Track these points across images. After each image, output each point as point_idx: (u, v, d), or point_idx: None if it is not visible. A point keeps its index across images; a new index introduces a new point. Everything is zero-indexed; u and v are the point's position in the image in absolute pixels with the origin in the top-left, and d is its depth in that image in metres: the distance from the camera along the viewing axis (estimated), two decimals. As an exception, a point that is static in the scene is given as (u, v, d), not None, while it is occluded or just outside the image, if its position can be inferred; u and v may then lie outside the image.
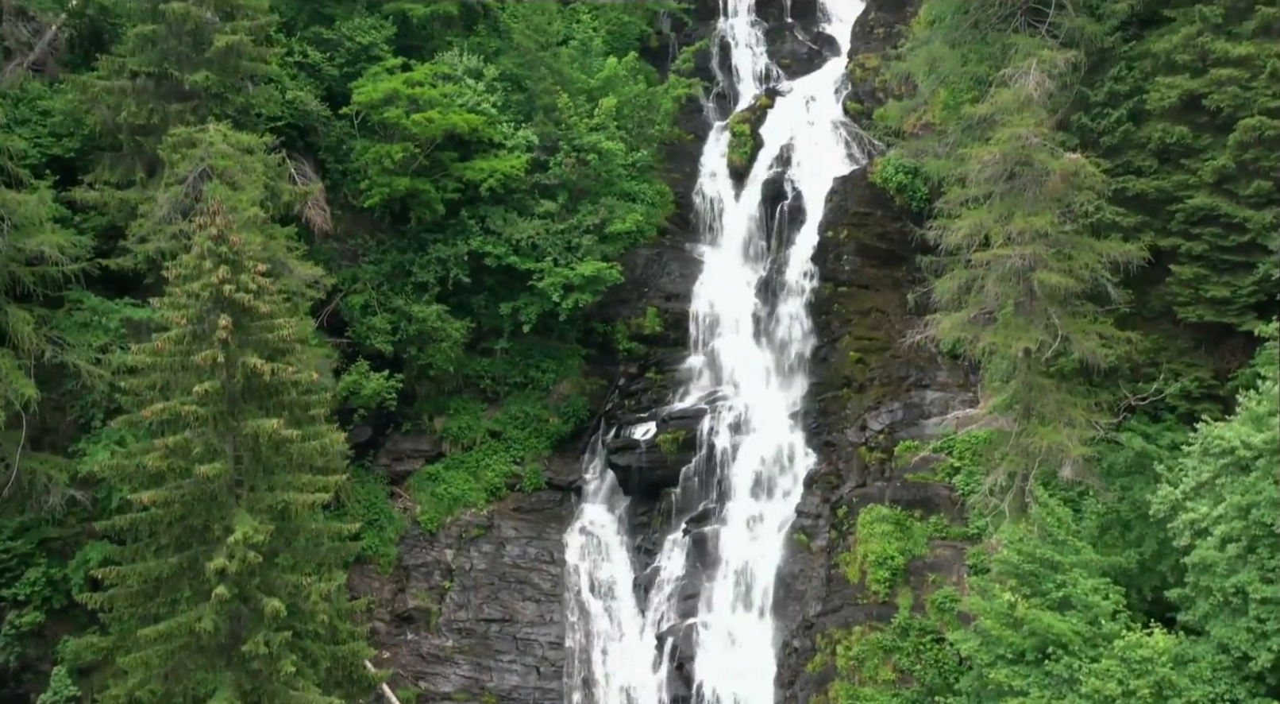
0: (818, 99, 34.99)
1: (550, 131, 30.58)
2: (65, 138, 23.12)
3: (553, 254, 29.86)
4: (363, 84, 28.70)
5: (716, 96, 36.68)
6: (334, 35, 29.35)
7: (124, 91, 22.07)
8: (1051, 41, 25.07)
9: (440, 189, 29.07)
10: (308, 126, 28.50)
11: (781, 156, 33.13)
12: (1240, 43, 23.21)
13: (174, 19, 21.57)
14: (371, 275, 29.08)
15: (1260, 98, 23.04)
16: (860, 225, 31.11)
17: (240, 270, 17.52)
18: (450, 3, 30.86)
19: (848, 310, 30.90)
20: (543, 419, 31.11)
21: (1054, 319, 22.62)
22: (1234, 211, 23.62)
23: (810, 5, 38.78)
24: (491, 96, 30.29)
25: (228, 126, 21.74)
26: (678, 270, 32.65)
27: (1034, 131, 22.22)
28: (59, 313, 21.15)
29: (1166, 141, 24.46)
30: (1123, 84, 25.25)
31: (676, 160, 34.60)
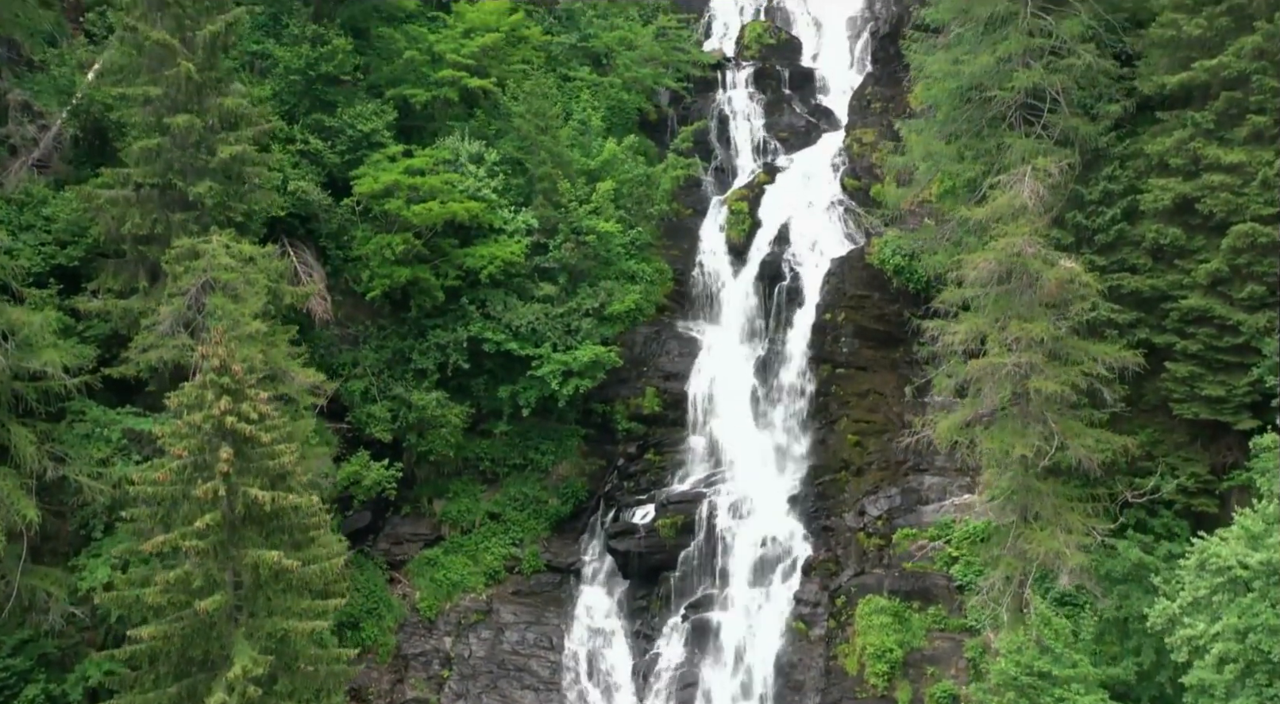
0: (815, 175, 35.26)
1: (550, 215, 30.82)
2: (69, 246, 23.32)
3: (552, 338, 30.02)
4: (364, 172, 28.96)
5: (715, 170, 36.96)
6: (336, 122, 29.63)
7: (128, 202, 22.28)
8: (1046, 141, 25.41)
9: (441, 276, 29.27)
10: (309, 214, 28.73)
11: (780, 236, 33.36)
12: (1232, 148, 23.51)
13: (178, 131, 21.81)
14: (372, 362, 29.23)
15: (1252, 204, 23.30)
16: (858, 308, 31.31)
17: (242, 399, 17.66)
18: (451, 88, 31.15)
19: (845, 392, 31.06)
20: (542, 500, 31.18)
21: (1050, 423, 22.77)
22: (1228, 314, 23.84)
23: (808, 77, 39.13)
24: (492, 181, 30.55)
25: (230, 236, 21.94)
26: (676, 349, 32.80)
27: (1029, 240, 22.46)
28: (60, 426, 21.26)
29: (1160, 242, 24.72)
30: (1116, 183, 25.53)
31: (675, 236, 34.83)
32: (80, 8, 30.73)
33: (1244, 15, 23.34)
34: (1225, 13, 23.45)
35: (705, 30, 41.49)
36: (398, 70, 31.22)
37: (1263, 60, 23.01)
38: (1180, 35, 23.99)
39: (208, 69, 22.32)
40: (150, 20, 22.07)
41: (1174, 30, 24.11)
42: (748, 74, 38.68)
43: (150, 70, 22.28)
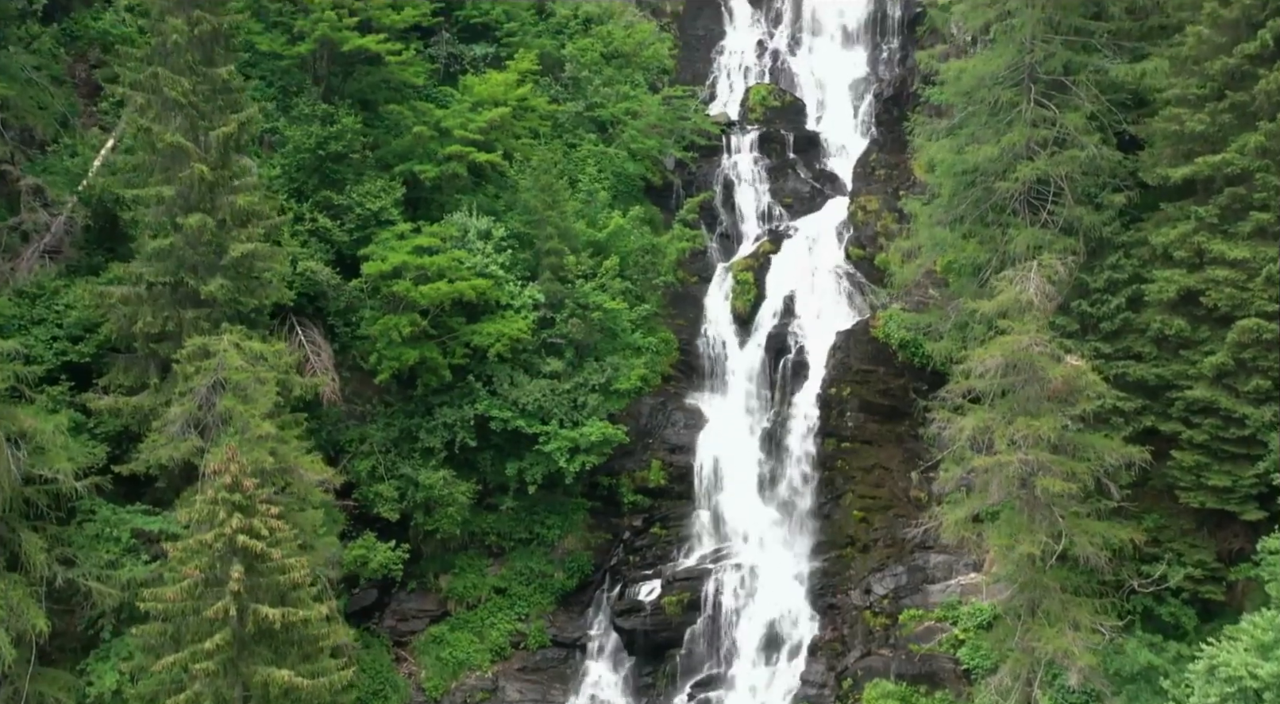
0: (820, 243, 35.41)
1: (556, 289, 30.98)
2: (80, 341, 23.48)
3: (559, 414, 30.11)
4: (373, 251, 29.15)
5: (720, 236, 37.12)
6: (344, 200, 29.85)
7: (140, 300, 22.45)
8: (1050, 230, 25.57)
9: (448, 354, 29.40)
10: (318, 292, 28.89)
11: (785, 308, 33.49)
12: (1236, 243, 23.65)
13: (191, 231, 22.00)
14: (380, 440, 29.32)
15: (1257, 300, 23.42)
16: (863, 382, 31.40)
17: (253, 514, 17.75)
18: (459, 164, 31.37)
19: (851, 467, 31.10)
20: (548, 574, 31.18)
21: (1057, 518, 22.82)
22: (1234, 407, 23.92)
23: (812, 141, 39.26)
24: (499, 256, 30.73)
25: (241, 334, 22.08)
26: (682, 421, 32.87)
27: (1035, 337, 22.59)
28: (70, 528, 21.35)
29: (1165, 332, 24.83)
30: (1121, 272, 25.67)
31: (680, 305, 34.96)
32: (92, 84, 31.06)
33: (1246, 113, 23.55)
34: (1228, 109, 23.67)
35: (710, 91, 41.75)
36: (406, 145, 31.47)
37: (1266, 158, 23.19)
38: (1183, 129, 24.20)
39: (220, 167, 22.54)
40: (164, 120, 22.31)
41: (1177, 124, 24.32)
42: (752, 138, 38.83)
43: (163, 169, 22.51)
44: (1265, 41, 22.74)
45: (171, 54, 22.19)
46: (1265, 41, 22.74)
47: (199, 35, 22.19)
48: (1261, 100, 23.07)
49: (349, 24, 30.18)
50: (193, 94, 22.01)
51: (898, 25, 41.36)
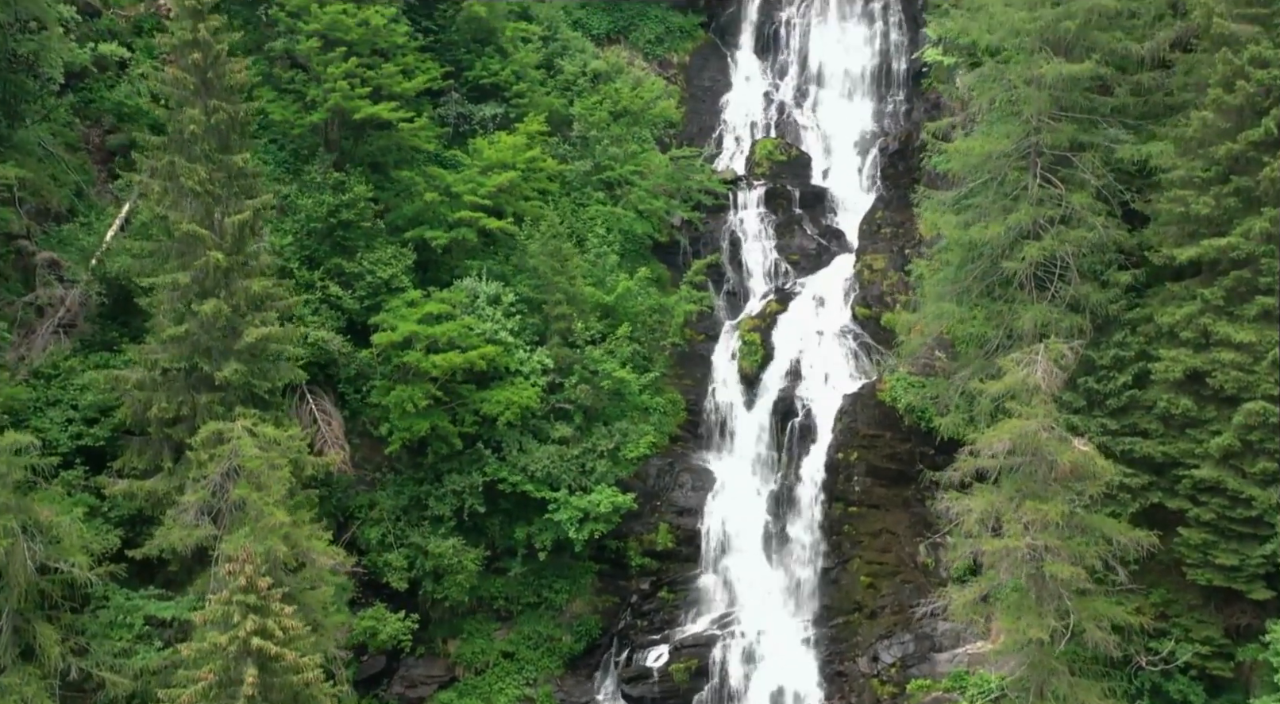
0: (827, 302, 35.60)
1: (565, 354, 31.18)
2: (95, 424, 23.72)
3: (567, 480, 30.25)
4: (383, 320, 29.38)
5: (727, 293, 37.31)
6: (355, 268, 30.11)
7: (155, 385, 22.68)
8: (1057, 307, 25.76)
9: (458, 422, 29.58)
10: (328, 360, 29.11)
11: (792, 370, 33.66)
12: (1242, 326, 23.80)
13: (205, 317, 22.24)
14: (389, 507, 29.46)
15: (1263, 383, 23.59)
16: (870, 447, 31.54)
17: (267, 615, 17.90)
18: (469, 229, 31.63)
19: (858, 532, 31.22)
20: (555, 638, 31.25)
21: (1065, 601, 22.90)
22: (1240, 488, 24.05)
23: (819, 196, 39.48)
24: (508, 322, 30.95)
25: (254, 418, 22.29)
26: (690, 482, 33.00)
27: (1043, 422, 22.73)
28: (84, 616, 21.51)
29: (1171, 411, 24.97)
30: (1127, 350, 25.85)
31: (688, 365, 35.12)
32: (106, 151, 31.39)
33: (1251, 197, 23.76)
34: (1233, 193, 23.89)
35: (716, 144, 42.03)
36: (417, 210, 31.75)
37: (1271, 243, 23.39)
38: (1189, 211, 24.41)
39: (235, 253, 22.80)
40: (180, 207, 22.59)
41: (1182, 206, 24.54)
42: (759, 194, 39.06)
43: (179, 255, 22.78)
44: (1269, 129, 22.98)
45: (188, 143, 22.48)
46: (1269, 129, 22.98)
47: (216, 124, 22.50)
48: (1266, 186, 23.30)
49: (361, 93, 30.52)
50: (209, 182, 22.30)
51: (903, 78, 41.68)
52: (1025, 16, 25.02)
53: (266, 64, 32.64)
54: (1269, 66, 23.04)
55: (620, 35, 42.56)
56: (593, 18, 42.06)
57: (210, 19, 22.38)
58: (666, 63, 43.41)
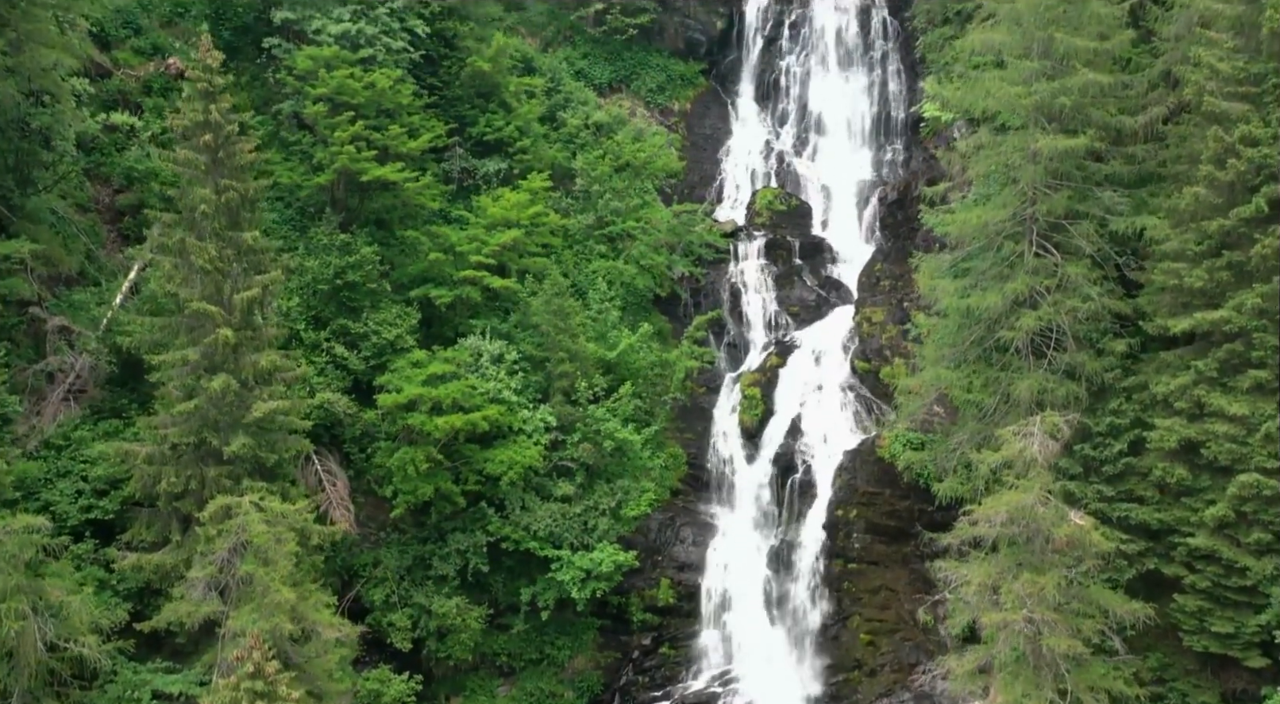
0: (826, 356, 35.91)
1: (567, 412, 31.51)
2: (104, 497, 24.07)
3: (569, 538, 30.53)
4: (388, 380, 29.73)
5: (728, 346, 37.66)
6: (361, 328, 30.49)
7: (164, 459, 23.03)
8: (1053, 375, 26.10)
9: (461, 481, 29.88)
10: (334, 421, 29.44)
11: (792, 426, 33.97)
12: (1236, 397, 24.12)
13: (214, 393, 22.60)
14: (394, 567, 29.73)
15: (1256, 455, 23.88)
16: (869, 504, 31.81)
17: (274, 699, 18.17)
18: (473, 288, 32.02)
19: (858, 588, 31.46)
20: (558, 694, 31.44)
21: (1063, 671, 23.16)
22: (1235, 557, 24.32)
23: (818, 247, 39.86)
24: (511, 380, 31.29)
25: (263, 491, 22.61)
26: (691, 537, 33.28)
27: (1039, 495, 23.05)
28: (92, 692, 21.74)
29: (1167, 480, 25.27)
30: (1122, 417, 26.18)
31: (689, 418, 35.44)
32: (116, 210, 31.82)
33: (1243, 271, 24.14)
34: (1225, 267, 24.27)
35: (717, 193, 42.50)
36: (421, 269, 32.15)
37: (1263, 318, 23.74)
38: (1182, 283, 24.78)
39: (244, 328, 23.18)
40: (190, 283, 22.99)
41: (1176, 278, 24.91)
42: (759, 245, 39.45)
43: (189, 330, 23.17)
44: (1260, 207, 23.39)
45: (199, 221, 22.90)
46: (1260, 207, 23.39)
47: (226, 202, 22.93)
48: (1257, 262, 23.67)
49: (367, 156, 30.98)
50: (219, 259, 22.71)
51: (902, 127, 42.23)
52: (1021, 91, 25.49)
53: (274, 124, 33.18)
54: (1259, 145, 23.47)
55: (622, 84, 43.14)
56: (595, 67, 42.65)
57: (221, 100, 22.84)
58: (668, 111, 43.97)
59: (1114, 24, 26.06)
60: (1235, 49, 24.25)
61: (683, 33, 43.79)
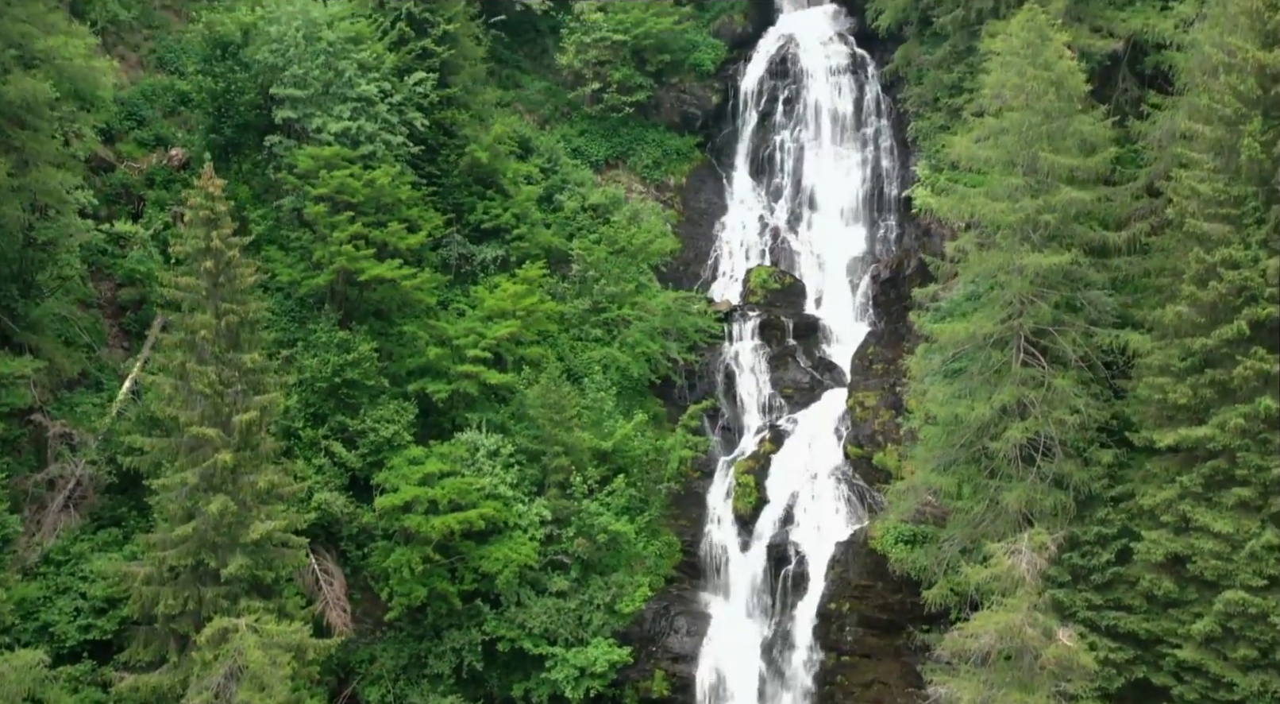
0: (819, 441, 36.22)
1: (563, 506, 31.82)
2: (103, 615, 24.36)
3: (564, 634, 30.74)
4: (385, 479, 30.07)
5: (722, 429, 38.00)
6: (359, 425, 30.87)
7: (162, 581, 23.33)
8: (1041, 485, 26.43)
9: (458, 580, 30.15)
10: (331, 520, 29.75)
11: (785, 515, 34.27)
12: (1221, 513, 24.41)
13: (213, 517, 22.94)
14: (390, 665, 29.92)
15: (1241, 573, 24.14)
16: (862, 598, 32.05)
17: None
18: (470, 382, 32.41)
19: (850, 682, 31.63)
20: (553, 788, 31.56)
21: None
22: (1222, 672, 24.54)
23: (812, 327, 40.20)
24: (507, 475, 31.62)
25: (260, 610, 22.89)
26: (685, 626, 33.48)
27: (1027, 615, 23.31)
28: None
29: (1154, 591, 25.54)
30: (1109, 527, 26.48)
31: (684, 504, 35.70)
32: (117, 304, 32.27)
33: (1227, 390, 24.51)
34: (1209, 384, 24.63)
35: (712, 270, 42.95)
36: (420, 363, 32.53)
37: (1247, 438, 24.09)
38: (1166, 399, 25.15)
39: (243, 449, 23.54)
40: (190, 405, 23.38)
41: (1160, 394, 25.29)
42: (753, 326, 39.80)
43: (188, 451, 23.53)
44: (1241, 329, 23.78)
45: (199, 345, 23.31)
46: (1241, 329, 23.78)
47: (227, 326, 23.36)
48: (1239, 382, 24.04)
49: (366, 254, 31.45)
50: (219, 383, 23.11)
51: (894, 202, 42.61)
52: (1006, 207, 25.97)
53: (274, 218, 33.66)
54: (1239, 267, 23.90)
55: (619, 160, 43.69)
56: (592, 144, 43.22)
57: (223, 227, 23.31)
58: (664, 185, 44.51)
59: (1098, 141, 26.59)
60: (1215, 170, 24.75)
61: (678, 107, 44.42)
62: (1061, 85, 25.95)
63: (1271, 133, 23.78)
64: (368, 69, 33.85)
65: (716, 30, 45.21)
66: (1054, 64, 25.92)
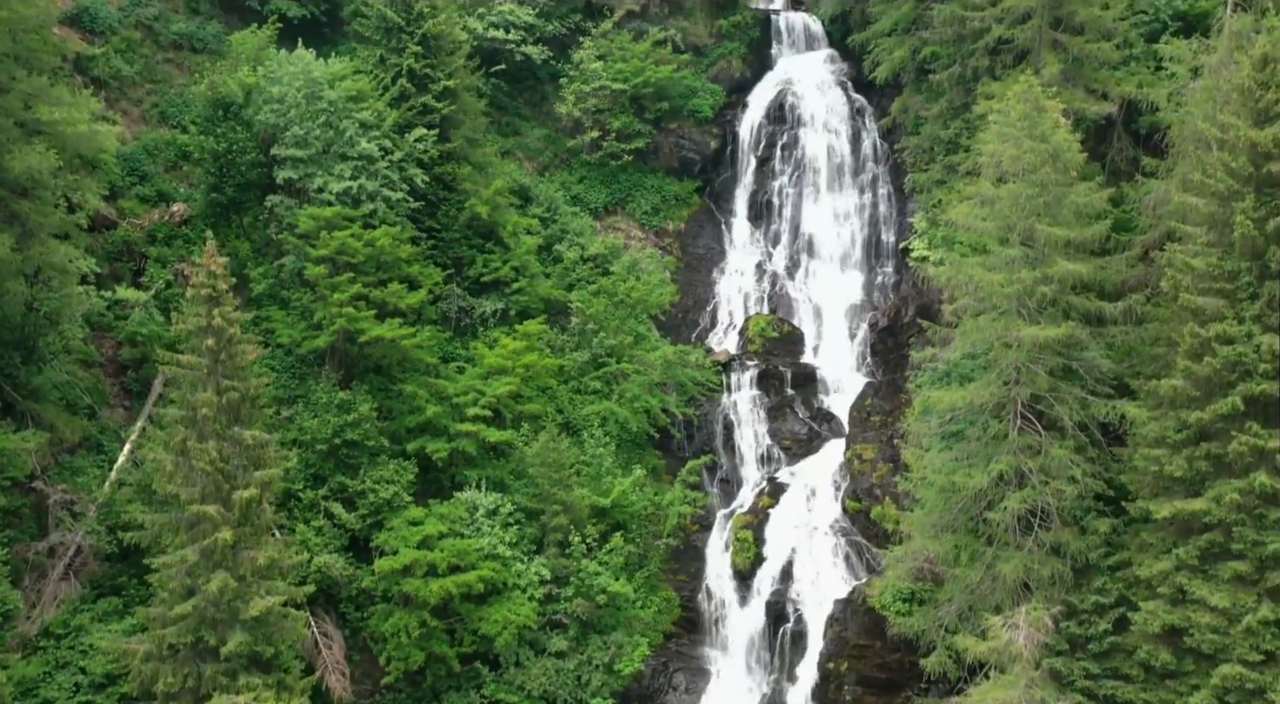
0: (818, 495, 36.29)
1: (562, 565, 31.88)
2: (101, 691, 24.41)
3: (564, 695, 30.75)
4: (385, 541, 30.15)
5: (720, 481, 38.07)
6: (359, 485, 30.98)
7: (161, 658, 23.38)
8: (1038, 553, 26.53)
9: (457, 642, 30.18)
10: (330, 582, 29.81)
11: (783, 572, 34.31)
12: (1218, 587, 24.48)
13: (212, 594, 23.02)
14: (391, 730, 30.02)
15: (1238, 647, 24.21)
16: (860, 657, 32.07)
17: None
18: (470, 441, 32.51)
19: (849, 742, 31.67)
20: None
21: None
22: (1220, 751, 24.58)
23: (810, 376, 40.26)
24: (506, 534, 31.70)
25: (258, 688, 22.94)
26: (684, 683, 33.47)
27: (1024, 694, 23.40)
28: None
29: (1151, 662, 25.60)
30: (1107, 596, 26.57)
31: (682, 558, 35.73)
32: (118, 363, 32.39)
33: (1222, 463, 24.64)
34: (1204, 457, 24.75)
35: (711, 318, 43.09)
36: (419, 421, 32.63)
37: (1242, 513, 24.20)
38: (1162, 471, 25.28)
39: (243, 524, 23.64)
40: (191, 481, 23.49)
41: (1156, 465, 25.42)
42: (752, 375, 39.91)
43: (188, 527, 23.62)
44: (1235, 405, 23.93)
45: (200, 422, 23.45)
46: (1235, 405, 23.93)
47: (228, 402, 23.51)
48: (1235, 457, 24.17)
49: (366, 315, 31.60)
50: (219, 460, 23.24)
51: (891, 249, 42.83)
52: (1003, 279, 26.16)
53: (275, 277, 33.79)
54: (1234, 343, 24.07)
55: (618, 206, 43.88)
56: (591, 191, 43.41)
57: (225, 305, 23.47)
58: (663, 231, 44.67)
59: (1093, 213, 26.81)
60: (1209, 243, 24.96)
61: (677, 152, 44.62)
62: (1058, 157, 26.19)
63: (1264, 210, 24.01)
64: (369, 127, 34.10)
65: (715, 75, 45.46)
66: (1050, 136, 26.16)
